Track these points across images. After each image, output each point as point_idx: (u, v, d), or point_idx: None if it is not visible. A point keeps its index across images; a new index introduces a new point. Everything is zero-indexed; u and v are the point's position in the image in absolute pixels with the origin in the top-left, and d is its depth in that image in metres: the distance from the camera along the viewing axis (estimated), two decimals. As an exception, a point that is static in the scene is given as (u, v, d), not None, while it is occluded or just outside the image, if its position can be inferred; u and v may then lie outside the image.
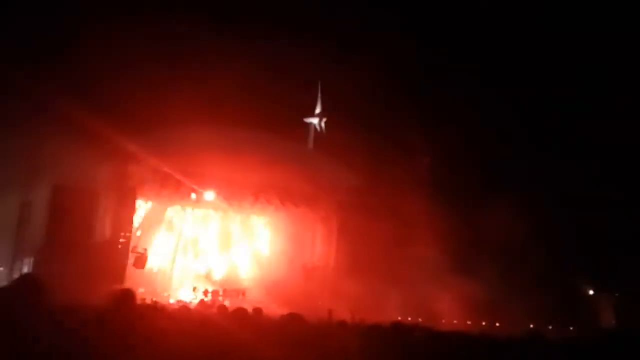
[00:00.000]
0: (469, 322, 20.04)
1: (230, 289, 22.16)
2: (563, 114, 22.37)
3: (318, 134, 25.53)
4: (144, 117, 18.32)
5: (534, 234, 20.50)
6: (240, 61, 20.30)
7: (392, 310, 18.64)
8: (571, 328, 19.89)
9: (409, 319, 18.34)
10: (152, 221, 22.91)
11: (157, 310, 6.02)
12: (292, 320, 5.08)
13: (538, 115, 22.59)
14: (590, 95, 21.76)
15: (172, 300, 20.24)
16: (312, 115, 25.73)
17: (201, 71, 19.80)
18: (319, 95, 25.64)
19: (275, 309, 15.64)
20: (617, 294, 22.13)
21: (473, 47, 22.62)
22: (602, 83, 21.80)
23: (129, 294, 4.65)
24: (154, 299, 17.67)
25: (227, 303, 17.67)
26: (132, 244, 20.70)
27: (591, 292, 22.72)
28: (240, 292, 21.96)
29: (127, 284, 19.69)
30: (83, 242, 18.46)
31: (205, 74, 19.86)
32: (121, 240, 20.11)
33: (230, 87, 20.07)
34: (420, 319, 18.19)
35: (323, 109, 25.63)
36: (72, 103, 17.23)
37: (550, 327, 18.41)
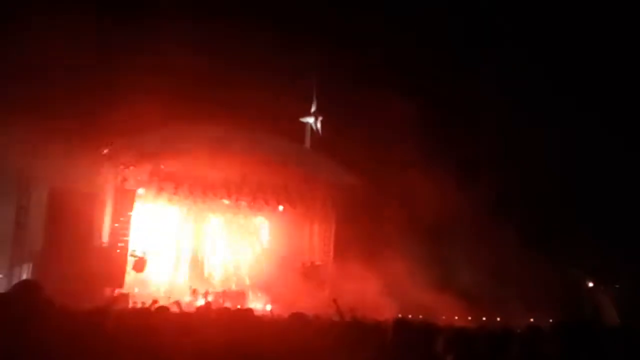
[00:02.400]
0: (469, 318, 20.05)
1: (231, 290, 22.12)
2: (547, 105, 22.44)
3: (314, 133, 25.53)
4: (141, 119, 18.26)
5: (530, 226, 20.55)
6: (236, 62, 20.30)
7: (391, 306, 18.63)
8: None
9: (410, 316, 18.33)
10: (150, 224, 22.79)
11: (156, 313, 5.99)
12: (296, 321, 5.06)
13: (521, 104, 22.67)
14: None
15: (172, 303, 20.14)
16: (309, 114, 25.72)
17: (197, 72, 19.74)
18: (315, 94, 25.63)
19: (276, 310, 15.62)
20: (617, 286, 22.12)
21: (468, 45, 22.69)
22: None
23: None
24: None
25: (228, 305, 17.67)
26: (131, 248, 20.60)
27: (591, 284, 22.73)
28: (241, 294, 21.94)
29: (127, 287, 19.67)
30: (82, 246, 18.32)
31: (202, 75, 19.82)
32: (120, 244, 20.01)
33: (227, 88, 20.07)
34: (420, 316, 18.20)
35: (319, 108, 25.63)
36: (68, 105, 17.17)
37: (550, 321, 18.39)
